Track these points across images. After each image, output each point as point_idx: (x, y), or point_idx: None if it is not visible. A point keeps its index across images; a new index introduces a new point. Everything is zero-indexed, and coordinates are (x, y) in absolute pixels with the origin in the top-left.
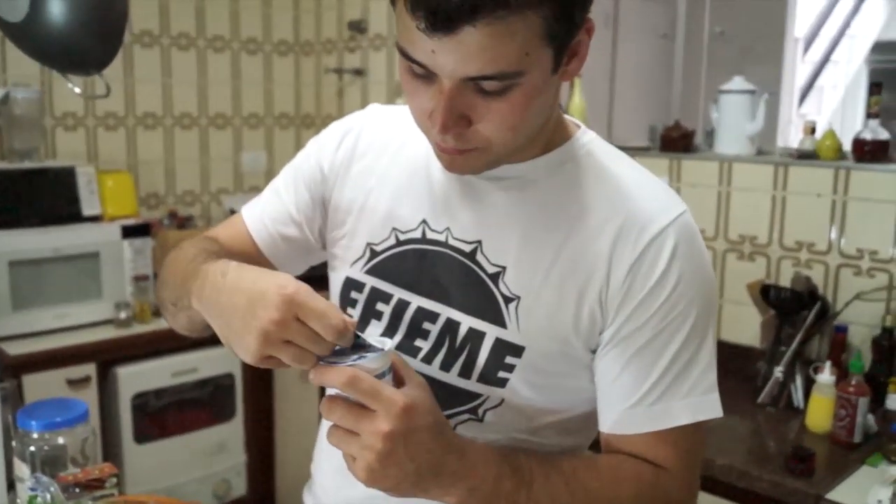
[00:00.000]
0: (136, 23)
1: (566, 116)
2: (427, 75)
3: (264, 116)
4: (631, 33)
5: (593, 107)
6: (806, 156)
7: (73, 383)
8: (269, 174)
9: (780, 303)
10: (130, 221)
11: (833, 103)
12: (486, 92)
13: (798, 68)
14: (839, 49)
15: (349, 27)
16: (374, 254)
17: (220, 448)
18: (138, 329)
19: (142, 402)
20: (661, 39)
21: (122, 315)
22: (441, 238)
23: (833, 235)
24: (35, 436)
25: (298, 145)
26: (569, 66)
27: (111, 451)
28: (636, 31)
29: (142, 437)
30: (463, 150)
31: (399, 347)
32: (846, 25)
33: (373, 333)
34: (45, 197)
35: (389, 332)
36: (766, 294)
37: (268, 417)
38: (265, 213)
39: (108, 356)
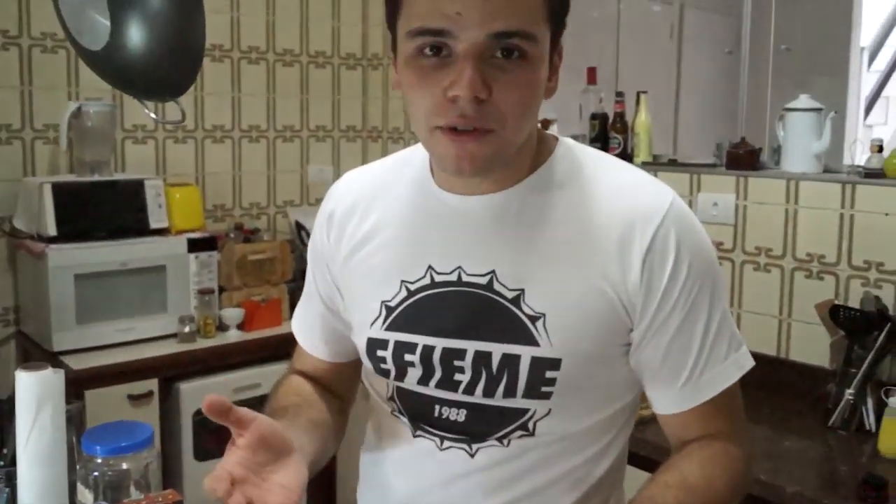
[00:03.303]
0: (207, 37)
1: (545, 132)
2: (440, 54)
3: (332, 129)
4: (695, 48)
5: (659, 123)
6: (873, 174)
7: (135, 398)
8: None
9: (849, 324)
10: (197, 234)
11: None
12: (504, 60)
13: (864, 78)
14: None
15: None
16: (389, 310)
17: None
18: (202, 343)
19: (203, 418)
20: (726, 56)
21: (186, 329)
22: (452, 278)
23: None
24: (99, 460)
25: (364, 158)
26: (550, 83)
27: (171, 467)
28: (701, 46)
29: (202, 453)
30: (477, 133)
31: (439, 385)
32: None
33: (410, 382)
34: (114, 210)
35: (425, 377)
36: (836, 315)
37: None
38: (314, 332)
39: (171, 371)
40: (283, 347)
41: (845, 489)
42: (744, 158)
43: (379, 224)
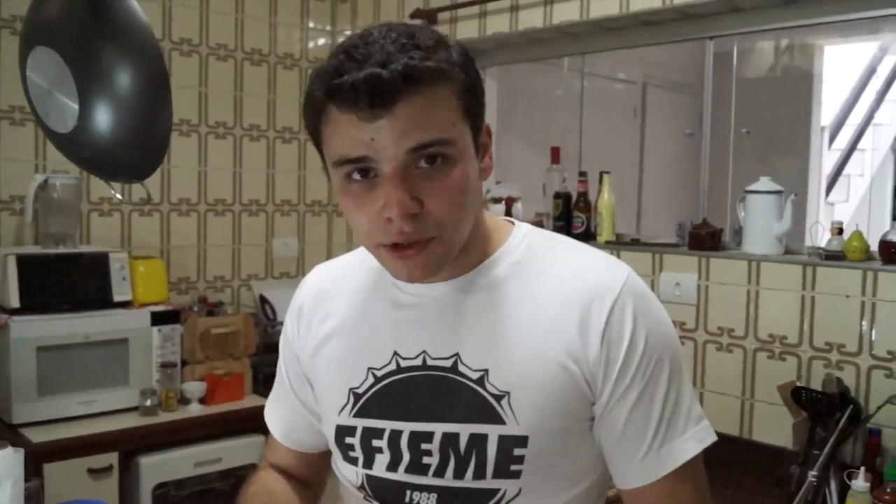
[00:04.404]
0: (175, 112)
1: (500, 218)
2: (368, 176)
3: (297, 203)
4: (658, 127)
5: (622, 202)
6: (833, 257)
7: (95, 472)
8: (300, 260)
9: (811, 405)
10: (160, 308)
11: (860, 190)
12: (428, 169)
13: (824, 156)
14: (865, 137)
15: None
16: (357, 397)
17: None
18: (164, 417)
19: (163, 493)
20: (688, 136)
21: (148, 402)
22: (417, 363)
23: (863, 337)
24: None
25: (329, 232)
26: (482, 163)
27: None
28: (664, 124)
29: None
30: (420, 244)
31: (409, 469)
32: (871, 115)
33: (379, 469)
34: (77, 282)
35: (394, 462)
36: (798, 396)
37: None
38: (287, 423)
39: (132, 445)
40: (245, 422)
41: None
42: (705, 239)
43: (345, 315)
